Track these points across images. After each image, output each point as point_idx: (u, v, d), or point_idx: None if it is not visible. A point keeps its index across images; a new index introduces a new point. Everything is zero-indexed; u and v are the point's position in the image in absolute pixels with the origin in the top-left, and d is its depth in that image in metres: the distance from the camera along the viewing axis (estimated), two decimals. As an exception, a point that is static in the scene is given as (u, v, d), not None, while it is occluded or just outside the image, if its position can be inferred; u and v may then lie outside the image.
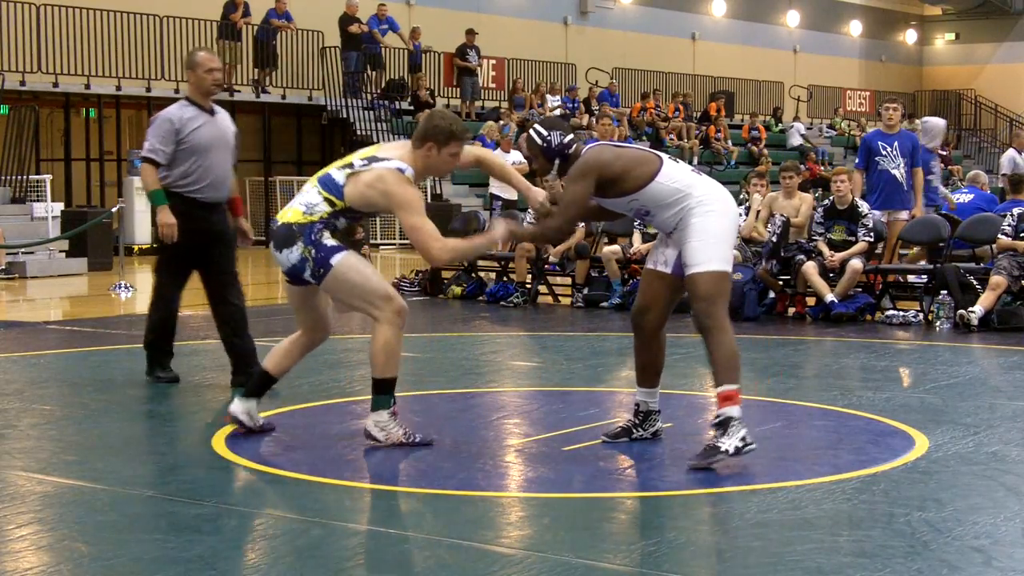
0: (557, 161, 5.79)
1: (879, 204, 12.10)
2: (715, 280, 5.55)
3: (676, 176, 5.65)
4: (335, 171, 5.84)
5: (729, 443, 5.43)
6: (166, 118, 7.48)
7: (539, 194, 6.05)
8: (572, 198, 5.67)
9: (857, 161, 12.68)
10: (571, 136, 5.81)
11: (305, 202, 5.79)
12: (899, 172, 12.08)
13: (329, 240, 5.75)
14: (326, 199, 5.77)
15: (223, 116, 7.70)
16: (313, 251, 5.70)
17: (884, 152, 12.16)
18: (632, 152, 5.76)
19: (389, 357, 5.76)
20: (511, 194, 16.19)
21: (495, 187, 16.07)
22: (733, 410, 5.48)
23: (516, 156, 16.54)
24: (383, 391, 5.80)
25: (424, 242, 5.70)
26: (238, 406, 6.12)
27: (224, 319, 7.60)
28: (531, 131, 5.87)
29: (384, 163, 5.78)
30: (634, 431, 5.97)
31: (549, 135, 5.78)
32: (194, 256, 7.54)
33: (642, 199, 5.66)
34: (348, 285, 5.74)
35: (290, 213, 5.81)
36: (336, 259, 5.71)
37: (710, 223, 5.58)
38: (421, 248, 5.76)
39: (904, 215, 12.13)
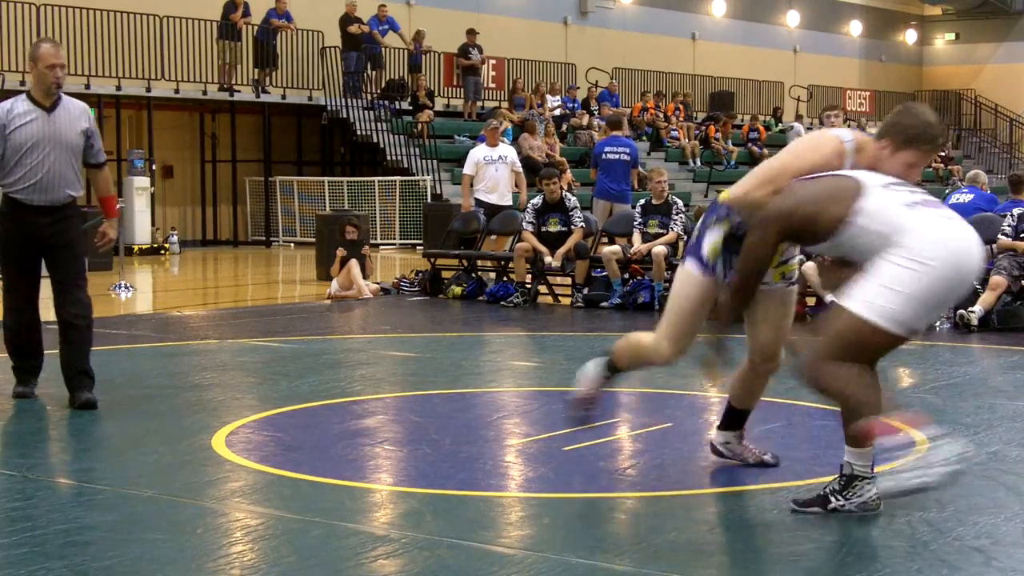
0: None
1: None
2: (850, 322, 4.63)
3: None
4: None
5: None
6: None
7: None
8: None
9: None
10: None
11: None
12: None
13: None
14: None
15: (65, 114, 6.86)
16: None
17: None
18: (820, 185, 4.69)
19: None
20: (500, 199, 15.15)
21: (480, 192, 15.17)
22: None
23: (504, 151, 15.36)
24: None
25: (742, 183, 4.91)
26: (718, 436, 5.53)
27: (60, 319, 6.96)
28: None
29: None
30: None
31: None
32: (32, 260, 6.94)
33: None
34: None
35: None
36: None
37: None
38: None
39: None
